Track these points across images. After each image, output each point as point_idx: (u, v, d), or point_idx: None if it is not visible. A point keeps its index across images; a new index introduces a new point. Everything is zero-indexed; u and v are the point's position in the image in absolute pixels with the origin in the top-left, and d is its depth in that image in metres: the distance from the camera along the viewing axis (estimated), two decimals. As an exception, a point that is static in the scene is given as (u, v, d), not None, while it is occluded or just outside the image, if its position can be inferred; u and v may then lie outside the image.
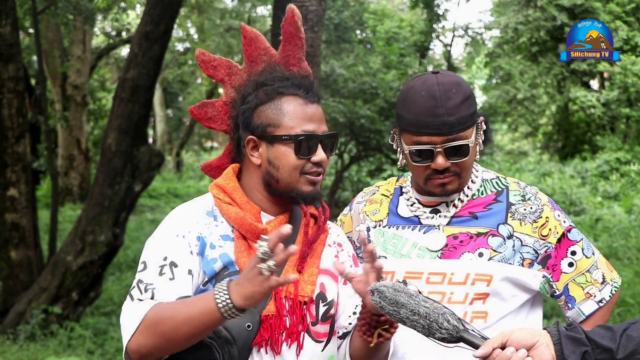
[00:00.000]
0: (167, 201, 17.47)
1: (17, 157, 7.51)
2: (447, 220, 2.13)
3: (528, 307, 2.15)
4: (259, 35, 2.05)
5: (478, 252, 2.08)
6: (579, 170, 17.70)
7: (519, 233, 2.10)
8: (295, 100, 1.93)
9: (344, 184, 13.56)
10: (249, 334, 1.85)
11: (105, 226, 7.23)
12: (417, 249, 2.12)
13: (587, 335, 1.74)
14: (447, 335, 1.72)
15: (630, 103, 18.59)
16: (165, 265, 1.84)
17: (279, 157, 1.91)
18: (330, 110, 10.88)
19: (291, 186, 1.92)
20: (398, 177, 2.31)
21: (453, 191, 2.11)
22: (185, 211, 1.95)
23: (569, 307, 2.12)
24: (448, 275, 2.08)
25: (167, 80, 24.36)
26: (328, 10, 15.98)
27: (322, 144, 1.93)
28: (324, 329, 1.98)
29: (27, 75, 12.76)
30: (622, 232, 11.59)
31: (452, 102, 2.03)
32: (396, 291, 1.75)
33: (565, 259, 2.11)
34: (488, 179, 2.20)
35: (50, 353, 6.58)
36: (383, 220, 2.21)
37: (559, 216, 2.14)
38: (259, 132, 1.93)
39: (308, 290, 1.93)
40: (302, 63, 2.03)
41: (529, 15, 18.86)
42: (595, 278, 2.12)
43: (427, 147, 2.05)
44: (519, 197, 2.15)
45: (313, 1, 6.90)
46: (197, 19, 21.31)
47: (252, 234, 1.90)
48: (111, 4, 14.12)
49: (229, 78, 2.06)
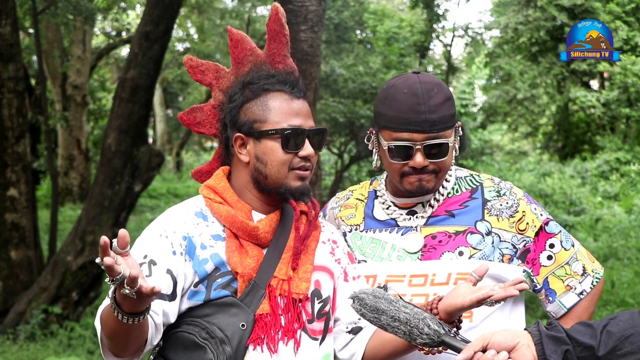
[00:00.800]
0: (167, 201, 17.46)
1: (17, 157, 7.51)
2: (424, 220, 2.12)
3: (511, 304, 2.13)
4: (244, 36, 2.06)
5: (458, 251, 2.07)
6: (579, 170, 17.71)
7: (497, 229, 2.09)
8: (280, 96, 1.94)
9: (344, 184, 13.55)
10: (243, 333, 1.85)
11: (105, 226, 7.22)
12: (396, 252, 2.11)
13: (568, 334, 1.74)
14: (428, 340, 1.72)
15: (630, 103, 18.59)
16: (144, 263, 1.85)
17: (267, 153, 1.91)
18: (330, 110, 10.87)
19: (279, 182, 1.92)
20: (371, 181, 2.30)
21: (428, 190, 2.09)
22: (173, 212, 1.96)
23: (549, 300, 2.11)
24: (430, 276, 2.07)
25: (167, 80, 24.35)
26: (328, 10, 15.97)
27: (309, 139, 1.93)
28: (319, 326, 1.98)
29: (27, 75, 12.77)
30: (622, 232, 11.60)
31: (434, 100, 2.03)
32: (376, 298, 1.75)
33: (544, 252, 2.10)
34: (462, 176, 2.19)
35: (50, 353, 6.58)
36: (360, 225, 2.20)
37: (535, 209, 2.13)
38: (246, 128, 1.94)
39: (303, 288, 1.93)
40: (287, 60, 2.04)
41: (529, 15, 18.86)
42: (575, 270, 2.10)
43: (406, 143, 2.04)
44: (494, 192, 2.14)
45: (313, 1, 6.90)
46: (197, 19, 21.29)
47: (244, 232, 1.91)
48: (111, 4, 14.11)
49: (216, 82, 2.06)
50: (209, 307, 1.86)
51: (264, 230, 1.92)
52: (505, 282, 2.02)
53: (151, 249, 1.88)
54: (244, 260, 1.89)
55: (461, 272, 2.05)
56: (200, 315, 1.85)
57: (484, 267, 1.89)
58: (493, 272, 2.05)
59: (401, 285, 2.07)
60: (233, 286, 1.88)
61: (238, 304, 1.86)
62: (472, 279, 1.90)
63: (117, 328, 1.70)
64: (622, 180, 16.51)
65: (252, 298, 1.88)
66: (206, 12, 20.34)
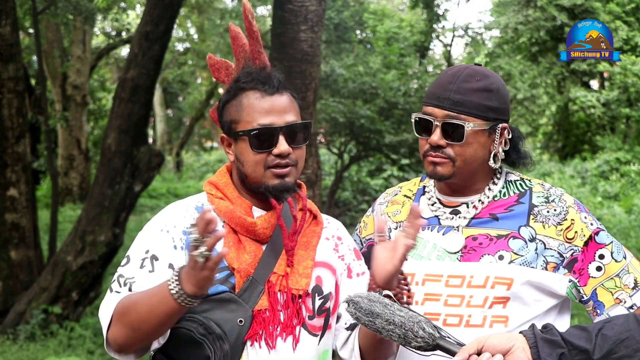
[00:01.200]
0: (167, 201, 17.46)
1: (17, 157, 7.51)
2: (467, 221, 2.08)
3: (555, 314, 2.07)
4: (238, 32, 2.08)
5: (498, 255, 2.02)
6: (579, 170, 17.71)
7: (542, 236, 2.02)
8: (253, 94, 1.92)
9: (344, 184, 13.55)
10: (241, 329, 1.85)
11: (105, 226, 7.22)
12: (436, 251, 2.07)
13: (563, 337, 1.73)
14: (423, 344, 1.72)
15: (630, 103, 18.60)
16: (146, 258, 1.87)
17: (242, 153, 1.92)
18: (330, 110, 10.87)
19: (257, 181, 1.92)
20: (422, 177, 2.27)
21: (443, 177, 2.04)
22: (174, 207, 1.98)
23: (597, 313, 2.02)
24: (467, 278, 2.02)
25: (167, 80, 24.35)
26: (328, 10, 15.97)
27: (284, 135, 1.90)
28: (319, 323, 1.98)
29: (27, 75, 12.76)
30: (622, 232, 11.60)
31: (468, 84, 2.01)
32: (371, 301, 1.75)
33: (593, 263, 2.02)
34: (511, 180, 2.13)
35: (50, 353, 6.58)
36: (404, 222, 2.15)
37: (585, 218, 2.05)
38: (226, 129, 1.96)
39: (302, 284, 1.93)
40: (261, 55, 2.05)
41: (529, 15, 18.86)
42: (626, 283, 2.01)
43: (427, 117, 2.03)
44: (542, 198, 2.07)
45: (313, 1, 6.90)
46: (197, 19, 21.30)
47: (242, 227, 1.91)
48: (111, 4, 14.10)
49: (227, 79, 2.09)
50: (207, 302, 1.85)
51: (262, 226, 1.92)
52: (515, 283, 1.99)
53: (152, 244, 1.89)
54: (241, 255, 1.89)
55: (499, 276, 2.00)
56: (198, 311, 1.84)
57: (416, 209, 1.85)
58: (536, 280, 2.00)
59: (438, 285, 2.03)
60: (231, 282, 1.88)
61: (236, 300, 1.86)
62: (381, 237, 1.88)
63: (159, 313, 1.73)
64: (622, 180, 16.51)
65: (251, 294, 1.87)
66: (206, 12, 20.34)
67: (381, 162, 13.99)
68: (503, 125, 2.07)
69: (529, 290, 2.00)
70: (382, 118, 11.09)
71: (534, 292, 2.01)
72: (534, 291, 2.01)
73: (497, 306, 2.00)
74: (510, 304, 2.00)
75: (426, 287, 2.04)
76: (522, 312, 2.01)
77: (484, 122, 2.03)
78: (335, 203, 12.80)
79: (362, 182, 13.96)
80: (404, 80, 11.83)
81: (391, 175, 13.94)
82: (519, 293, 2.00)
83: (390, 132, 11.02)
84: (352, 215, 13.48)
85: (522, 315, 2.00)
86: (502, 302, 2.00)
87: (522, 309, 2.01)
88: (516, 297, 2.00)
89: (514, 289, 1.99)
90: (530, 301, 2.01)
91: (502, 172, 2.14)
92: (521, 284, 2.00)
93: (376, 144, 11.24)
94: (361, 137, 11.23)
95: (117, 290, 1.85)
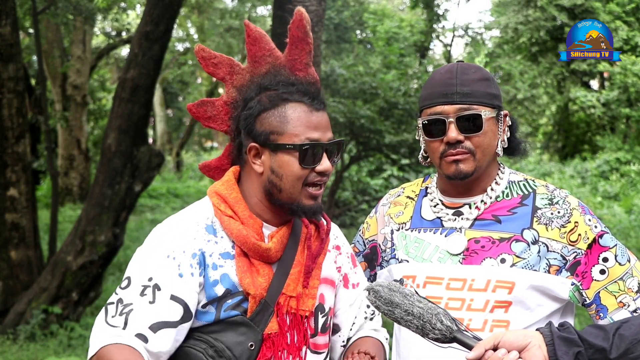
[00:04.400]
0: (167, 201, 17.47)
1: (17, 157, 7.51)
2: (470, 223, 2.06)
3: (557, 318, 2.05)
4: (264, 35, 1.99)
5: (500, 258, 1.99)
6: (579, 170, 17.71)
7: (545, 238, 2.00)
8: (300, 107, 1.85)
9: (344, 184, 13.55)
10: (251, 353, 1.81)
11: (105, 226, 7.22)
12: (438, 253, 2.06)
13: (580, 336, 1.73)
14: (440, 336, 1.73)
15: (630, 103, 18.60)
16: (148, 287, 1.77)
17: (283, 166, 1.84)
18: (330, 110, 10.87)
19: (293, 197, 1.85)
20: (425, 178, 2.25)
21: (467, 174, 2.02)
22: (182, 227, 1.85)
23: (600, 316, 1.99)
24: (468, 281, 2.00)
25: (167, 80, 24.35)
26: (328, 10, 15.98)
27: (326, 152, 1.86)
28: (324, 340, 1.95)
29: (27, 75, 12.76)
30: (622, 232, 11.59)
31: (467, 77, 2.03)
32: (391, 291, 1.76)
33: (596, 266, 1.99)
34: (515, 181, 2.12)
35: (50, 353, 6.58)
36: (406, 223, 2.15)
37: (589, 221, 2.02)
38: (262, 139, 1.85)
39: (309, 305, 1.90)
40: (309, 69, 1.98)
41: (529, 15, 18.87)
42: (630, 287, 1.98)
43: (439, 116, 2.01)
44: (546, 200, 2.05)
45: (313, 1, 6.90)
46: (197, 19, 21.30)
47: (255, 252, 1.84)
48: (111, 4, 14.11)
49: (230, 77, 2.00)
50: (217, 324, 1.81)
51: (276, 249, 1.87)
52: (517, 287, 1.97)
53: (156, 271, 1.79)
54: (256, 280, 1.83)
55: (501, 280, 1.98)
56: (208, 332, 1.81)
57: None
58: (539, 283, 1.98)
59: (439, 288, 2.02)
60: (243, 306, 1.83)
61: (248, 324, 1.81)
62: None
63: None
64: (622, 180, 16.51)
65: (262, 317, 1.83)
66: (206, 12, 20.34)
67: (381, 162, 13.99)
68: (504, 112, 2.10)
69: (531, 294, 1.98)
70: (382, 118, 11.09)
71: (536, 296, 2.00)
72: (536, 295, 2.00)
73: (499, 310, 1.99)
74: (512, 309, 1.98)
75: (427, 290, 2.03)
76: (524, 316, 1.99)
77: (492, 109, 2.05)
78: (335, 203, 12.80)
79: (362, 182, 13.96)
80: (404, 80, 11.83)
81: (391, 175, 13.94)
82: (521, 297, 1.98)
83: (390, 132, 11.02)
84: (352, 215, 13.48)
85: (524, 320, 1.99)
86: (503, 306, 1.99)
87: (524, 313, 1.99)
88: (518, 302, 1.98)
89: (516, 292, 1.98)
90: (533, 306, 2.00)
91: (504, 171, 2.13)
92: (523, 287, 1.98)
93: (376, 144, 11.24)
94: (361, 137, 11.23)
95: (111, 322, 1.75)
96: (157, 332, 1.74)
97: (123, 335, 1.73)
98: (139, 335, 1.73)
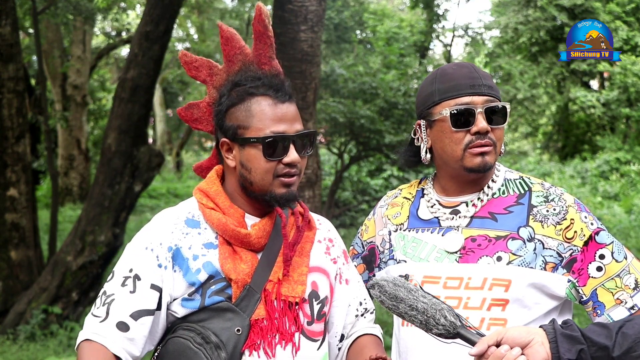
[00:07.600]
0: (167, 201, 17.47)
1: (17, 157, 7.51)
2: (467, 221, 2.06)
3: (555, 316, 2.04)
4: (234, 34, 2.02)
5: (496, 256, 2.00)
6: (579, 170, 17.71)
7: (541, 235, 2.01)
8: (264, 100, 1.88)
9: (344, 184, 13.56)
10: (239, 338, 1.84)
11: (105, 226, 7.23)
12: (435, 252, 2.06)
13: (583, 333, 1.73)
14: (443, 331, 1.74)
15: (630, 103, 18.61)
16: (129, 278, 1.86)
17: (250, 160, 1.87)
18: (330, 110, 10.87)
19: (264, 189, 1.88)
20: (420, 180, 2.26)
21: (490, 166, 2.03)
22: (161, 221, 1.93)
23: (597, 313, 1.99)
24: (465, 279, 2.00)
25: (167, 80, 24.36)
26: (328, 10, 15.99)
27: (294, 144, 1.88)
28: (319, 328, 1.97)
29: (27, 75, 12.77)
30: (622, 232, 11.60)
31: (483, 72, 2.07)
32: (396, 286, 1.78)
33: (593, 263, 1.99)
34: (511, 178, 2.13)
35: (50, 353, 6.58)
36: (404, 224, 2.16)
37: (585, 218, 2.02)
38: (231, 134, 1.90)
39: (299, 291, 1.91)
40: (273, 61, 2.00)
41: (529, 15, 18.88)
42: (627, 283, 1.98)
43: (469, 106, 2.01)
44: (541, 198, 2.06)
45: (313, 1, 6.91)
46: (197, 19, 21.31)
47: (236, 239, 1.88)
48: (111, 4, 14.12)
49: (210, 78, 2.04)
50: (204, 312, 1.85)
51: (257, 236, 1.90)
52: (513, 284, 1.97)
53: (136, 262, 1.87)
54: (238, 266, 1.87)
55: (497, 278, 1.98)
56: (196, 320, 1.84)
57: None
58: (535, 280, 1.98)
59: (436, 287, 2.02)
60: (227, 292, 1.86)
61: (233, 309, 1.85)
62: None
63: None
64: (622, 180, 16.51)
65: (248, 303, 1.86)
66: (206, 12, 20.35)
67: (381, 162, 14.00)
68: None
69: (528, 292, 1.98)
70: (382, 118, 11.09)
71: (533, 293, 1.99)
72: (533, 293, 1.99)
73: (496, 309, 1.98)
74: (509, 307, 1.98)
75: (424, 289, 2.04)
76: (521, 314, 1.99)
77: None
78: (335, 203, 12.81)
79: (362, 182, 13.97)
80: (404, 80, 11.84)
81: (391, 175, 13.95)
82: (518, 295, 1.98)
83: (390, 132, 11.02)
84: (352, 215, 13.49)
85: (521, 318, 1.99)
86: (500, 304, 1.98)
87: (522, 311, 1.99)
88: (515, 300, 1.98)
89: (513, 290, 1.98)
90: (530, 303, 1.99)
91: (500, 169, 2.14)
92: (520, 285, 1.98)
93: (376, 144, 11.24)
94: (361, 137, 11.23)
95: (96, 313, 1.86)
96: (138, 320, 1.83)
97: (104, 325, 1.84)
98: (120, 324, 1.83)
